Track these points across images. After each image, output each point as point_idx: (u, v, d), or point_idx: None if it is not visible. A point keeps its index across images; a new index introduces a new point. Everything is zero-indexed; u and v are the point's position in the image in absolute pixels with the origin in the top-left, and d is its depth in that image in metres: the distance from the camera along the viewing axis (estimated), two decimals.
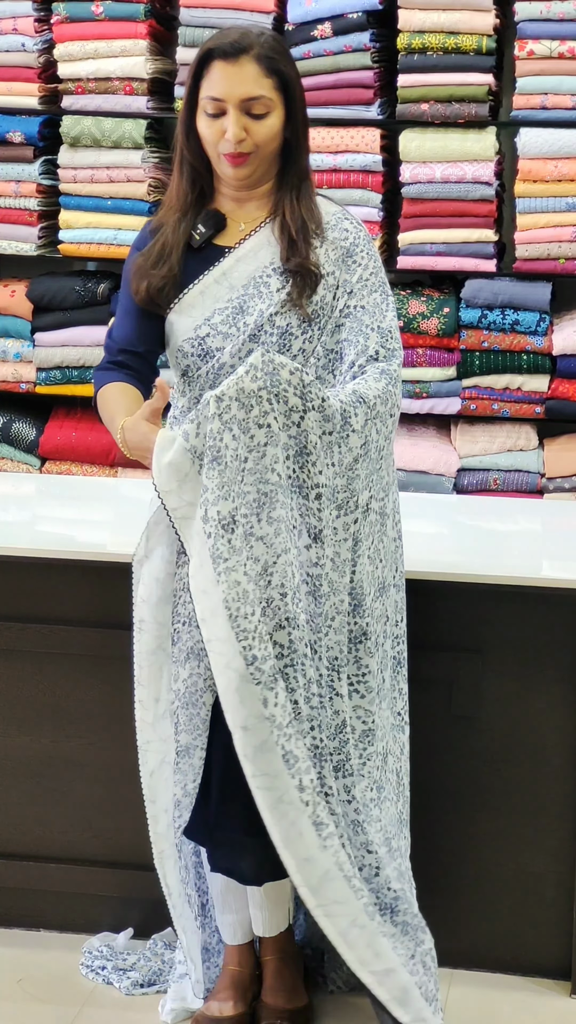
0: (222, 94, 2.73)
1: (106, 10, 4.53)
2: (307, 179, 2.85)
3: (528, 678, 3.14)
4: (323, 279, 2.81)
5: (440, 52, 4.36)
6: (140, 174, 4.57)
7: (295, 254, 2.79)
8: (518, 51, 4.33)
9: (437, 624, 3.13)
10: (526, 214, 4.39)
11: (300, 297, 2.78)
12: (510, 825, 3.19)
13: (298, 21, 4.42)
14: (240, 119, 2.73)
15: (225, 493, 2.60)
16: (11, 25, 4.57)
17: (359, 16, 4.36)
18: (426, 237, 4.46)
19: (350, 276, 2.83)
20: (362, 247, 2.85)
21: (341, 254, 2.83)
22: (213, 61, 2.74)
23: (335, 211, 2.88)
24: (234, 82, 2.72)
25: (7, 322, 4.75)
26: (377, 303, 2.84)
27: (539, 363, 4.46)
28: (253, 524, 2.61)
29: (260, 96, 2.73)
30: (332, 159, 4.44)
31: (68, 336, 4.69)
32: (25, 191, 4.65)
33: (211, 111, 2.75)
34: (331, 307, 2.82)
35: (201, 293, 2.83)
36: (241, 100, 2.73)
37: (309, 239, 2.80)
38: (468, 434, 4.56)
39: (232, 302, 2.81)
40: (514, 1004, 3.14)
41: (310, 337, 2.81)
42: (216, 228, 2.85)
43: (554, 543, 3.56)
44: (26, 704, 3.30)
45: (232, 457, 2.61)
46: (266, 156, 2.79)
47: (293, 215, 2.80)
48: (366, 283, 2.84)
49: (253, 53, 2.73)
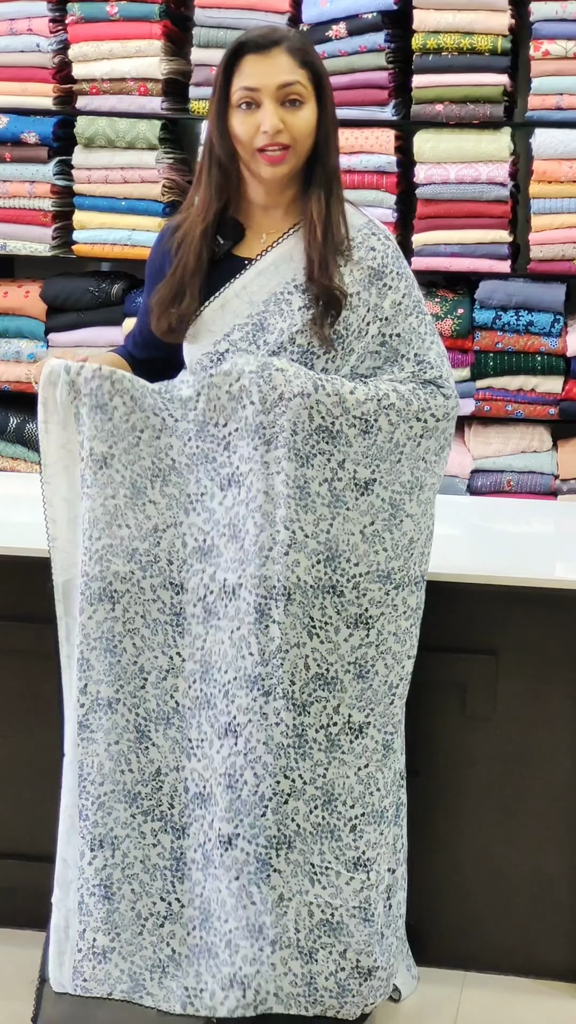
0: (257, 83, 2.67)
1: (121, 10, 4.53)
2: (337, 180, 2.78)
3: (542, 680, 3.13)
4: (347, 299, 2.75)
5: (455, 52, 4.35)
6: (154, 175, 4.57)
7: (320, 275, 2.73)
8: (533, 51, 4.32)
9: (451, 626, 3.12)
10: (541, 215, 4.38)
11: (323, 321, 2.73)
12: (524, 827, 3.18)
13: (313, 22, 4.41)
14: (276, 110, 2.68)
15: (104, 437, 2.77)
16: (26, 25, 4.57)
17: (374, 16, 4.36)
18: (440, 238, 4.45)
19: (381, 301, 2.78)
20: (391, 266, 2.80)
21: (368, 275, 2.77)
22: (245, 55, 2.69)
23: (362, 225, 2.81)
24: (268, 71, 2.67)
25: (21, 323, 4.75)
26: (413, 328, 2.81)
27: (553, 364, 4.45)
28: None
29: (295, 82, 2.68)
30: (346, 160, 4.43)
31: (82, 337, 4.69)
32: (39, 192, 4.65)
33: (245, 103, 2.69)
34: (358, 330, 2.77)
35: (221, 308, 2.78)
36: (277, 87, 2.67)
37: (335, 256, 2.74)
38: (482, 435, 4.56)
39: (252, 318, 2.77)
40: (527, 1007, 3.13)
41: (332, 357, 2.77)
42: (235, 239, 2.80)
43: (568, 545, 3.55)
44: (34, 705, 3.29)
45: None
46: (302, 153, 2.72)
47: (321, 215, 2.73)
48: (399, 307, 2.80)
49: (285, 45, 2.69)
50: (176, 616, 2.81)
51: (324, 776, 2.79)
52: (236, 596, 2.74)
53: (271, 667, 2.73)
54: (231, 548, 2.75)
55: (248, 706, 2.73)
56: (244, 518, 2.73)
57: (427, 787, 3.16)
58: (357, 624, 2.80)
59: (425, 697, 3.09)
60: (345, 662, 2.80)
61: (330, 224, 2.75)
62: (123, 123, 4.57)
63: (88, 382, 2.76)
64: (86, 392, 2.76)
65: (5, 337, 4.78)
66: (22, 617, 3.28)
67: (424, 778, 3.15)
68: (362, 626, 2.80)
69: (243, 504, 2.74)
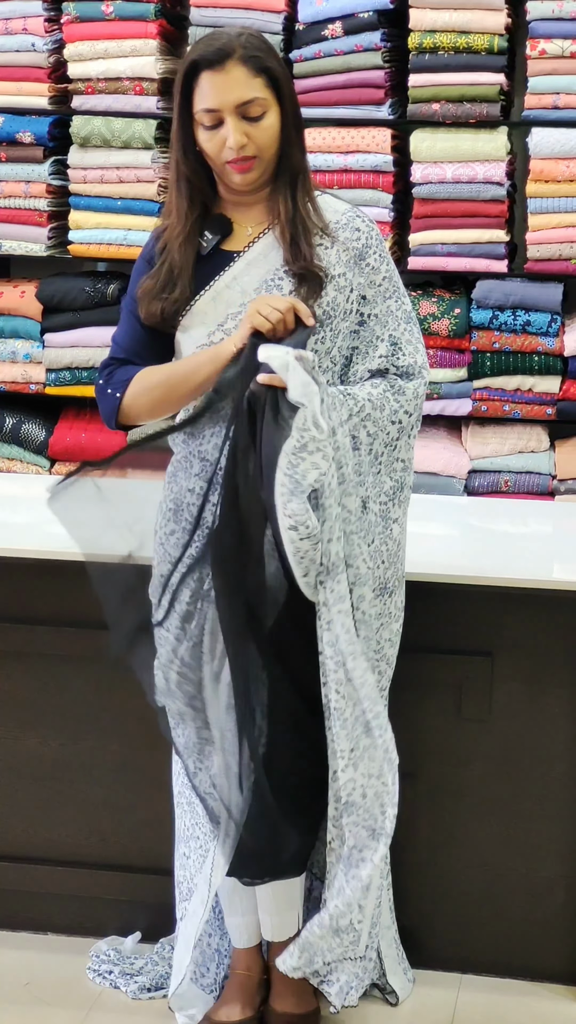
0: (216, 104, 2.68)
1: (116, 10, 4.52)
2: (303, 175, 2.79)
3: (538, 682, 3.12)
4: (333, 280, 2.77)
5: (451, 52, 4.34)
6: (150, 174, 4.56)
7: (298, 257, 2.75)
8: (530, 51, 4.31)
9: (446, 627, 3.11)
10: (538, 214, 4.37)
11: (309, 300, 2.75)
12: (519, 829, 3.17)
13: (309, 21, 4.40)
14: (239, 125, 2.69)
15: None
16: (21, 25, 4.56)
17: (370, 15, 4.35)
18: (437, 238, 4.44)
19: (363, 280, 2.80)
20: (374, 248, 2.82)
21: (353, 255, 2.80)
22: (200, 73, 2.69)
23: (345, 209, 2.84)
24: (225, 89, 2.67)
25: (17, 323, 4.74)
26: (391, 311, 2.82)
27: (550, 364, 4.44)
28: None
29: (254, 98, 2.69)
30: (343, 159, 4.42)
31: (78, 337, 4.68)
32: (35, 191, 4.64)
33: (208, 123, 2.70)
34: (344, 310, 2.79)
35: (213, 299, 2.79)
36: (236, 106, 2.68)
37: (311, 240, 2.76)
38: (479, 436, 4.55)
39: (245, 307, 2.77)
40: (523, 1009, 3.12)
41: (322, 338, 2.78)
42: (223, 233, 2.81)
43: (565, 545, 3.54)
44: (34, 707, 3.29)
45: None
46: (271, 157, 2.75)
47: (288, 214, 2.76)
48: (379, 288, 2.81)
49: (237, 56, 2.68)
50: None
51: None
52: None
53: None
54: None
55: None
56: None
57: (422, 788, 3.15)
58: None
59: (420, 698, 3.08)
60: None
61: (297, 220, 2.76)
62: (119, 123, 4.55)
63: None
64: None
65: (1, 337, 4.76)
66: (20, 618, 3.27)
67: (419, 780, 3.14)
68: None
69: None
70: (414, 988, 3.14)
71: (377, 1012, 3.03)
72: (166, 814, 3.05)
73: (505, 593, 3.07)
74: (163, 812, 3.07)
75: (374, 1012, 2.98)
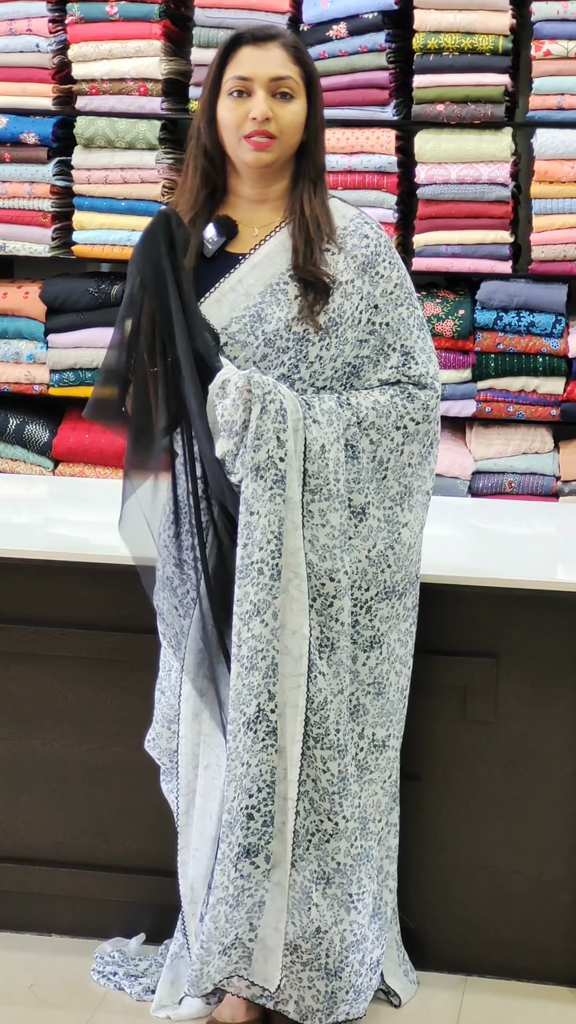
0: (250, 72, 2.71)
1: (120, 10, 4.52)
2: (323, 178, 2.81)
3: (543, 683, 3.12)
4: (340, 286, 2.76)
5: (456, 52, 4.34)
6: (154, 175, 4.56)
7: (306, 262, 2.74)
8: (534, 51, 4.31)
9: (451, 628, 3.11)
10: (542, 215, 4.37)
11: (313, 308, 2.74)
12: (524, 831, 3.17)
13: (313, 21, 4.40)
14: (267, 99, 2.71)
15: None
16: (25, 26, 4.57)
17: (374, 16, 4.35)
18: (441, 239, 4.44)
19: (374, 289, 2.79)
20: (384, 256, 2.80)
21: (362, 263, 2.78)
22: (241, 46, 2.74)
23: (353, 215, 2.83)
24: (263, 62, 2.72)
25: (20, 324, 4.74)
26: (403, 318, 2.81)
27: (555, 365, 4.44)
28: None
29: (288, 76, 2.72)
30: (347, 160, 4.42)
31: (82, 338, 4.68)
32: (39, 192, 4.64)
33: (237, 90, 2.72)
34: (352, 318, 2.77)
35: (218, 302, 2.78)
36: (270, 79, 2.71)
37: (322, 245, 2.76)
38: (483, 437, 4.54)
39: (249, 310, 2.77)
40: (528, 1011, 3.12)
41: (327, 344, 2.77)
42: (228, 235, 2.80)
43: (569, 547, 3.54)
44: (38, 708, 3.28)
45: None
46: (288, 146, 2.75)
47: (312, 213, 2.76)
48: (390, 296, 2.80)
49: (281, 40, 2.75)
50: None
51: (358, 805, 2.82)
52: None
53: (319, 717, 2.75)
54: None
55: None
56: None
57: (427, 791, 3.15)
58: (372, 646, 2.82)
59: (425, 700, 3.07)
60: (365, 685, 2.81)
61: (316, 217, 2.77)
62: (123, 123, 4.56)
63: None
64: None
65: (4, 338, 4.76)
66: (25, 620, 3.27)
67: (424, 782, 3.13)
68: (376, 646, 2.82)
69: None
70: (418, 990, 3.13)
71: (381, 1014, 3.02)
72: (169, 816, 3.05)
73: (510, 595, 3.07)
74: (166, 814, 3.06)
75: (377, 1013, 2.98)
